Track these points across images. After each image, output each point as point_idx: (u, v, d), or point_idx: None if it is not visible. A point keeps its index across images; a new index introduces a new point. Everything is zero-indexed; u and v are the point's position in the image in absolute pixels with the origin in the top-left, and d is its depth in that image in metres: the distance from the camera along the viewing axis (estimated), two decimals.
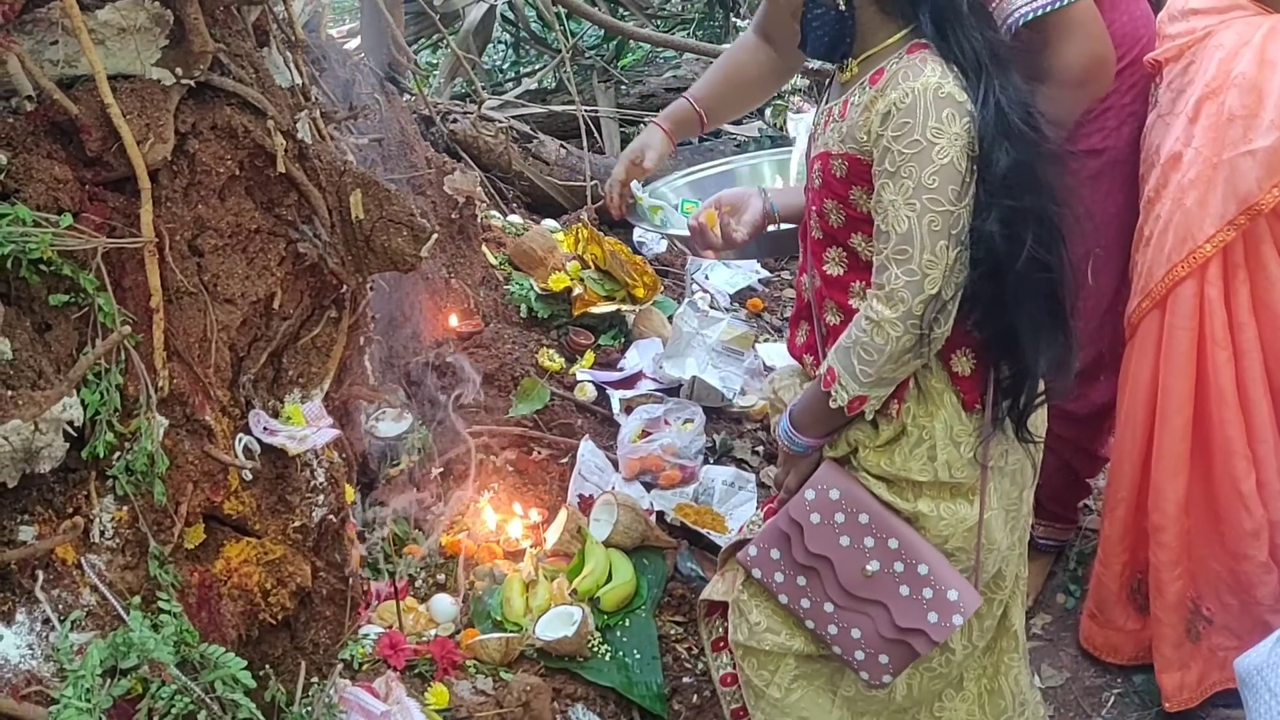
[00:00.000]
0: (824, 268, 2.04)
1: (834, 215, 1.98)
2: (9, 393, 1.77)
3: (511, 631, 2.69)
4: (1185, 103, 2.55)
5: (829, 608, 2.06)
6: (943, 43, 1.85)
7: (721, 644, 2.36)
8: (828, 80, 2.14)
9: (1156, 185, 2.61)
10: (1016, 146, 1.83)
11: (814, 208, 2.05)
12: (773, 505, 2.23)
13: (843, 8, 1.92)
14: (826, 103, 2.05)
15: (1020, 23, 2.35)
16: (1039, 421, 2.12)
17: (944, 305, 1.83)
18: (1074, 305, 1.99)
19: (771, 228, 2.33)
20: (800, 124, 4.59)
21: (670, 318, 4.00)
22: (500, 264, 4.06)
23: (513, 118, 5.32)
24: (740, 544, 2.32)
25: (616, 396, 3.58)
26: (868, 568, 2.02)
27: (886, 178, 1.82)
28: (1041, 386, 2.06)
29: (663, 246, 4.53)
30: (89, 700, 1.77)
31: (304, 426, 2.38)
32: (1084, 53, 2.39)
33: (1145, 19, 2.68)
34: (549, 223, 4.49)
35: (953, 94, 1.81)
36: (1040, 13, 2.34)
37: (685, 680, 2.73)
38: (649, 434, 3.37)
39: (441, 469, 3.18)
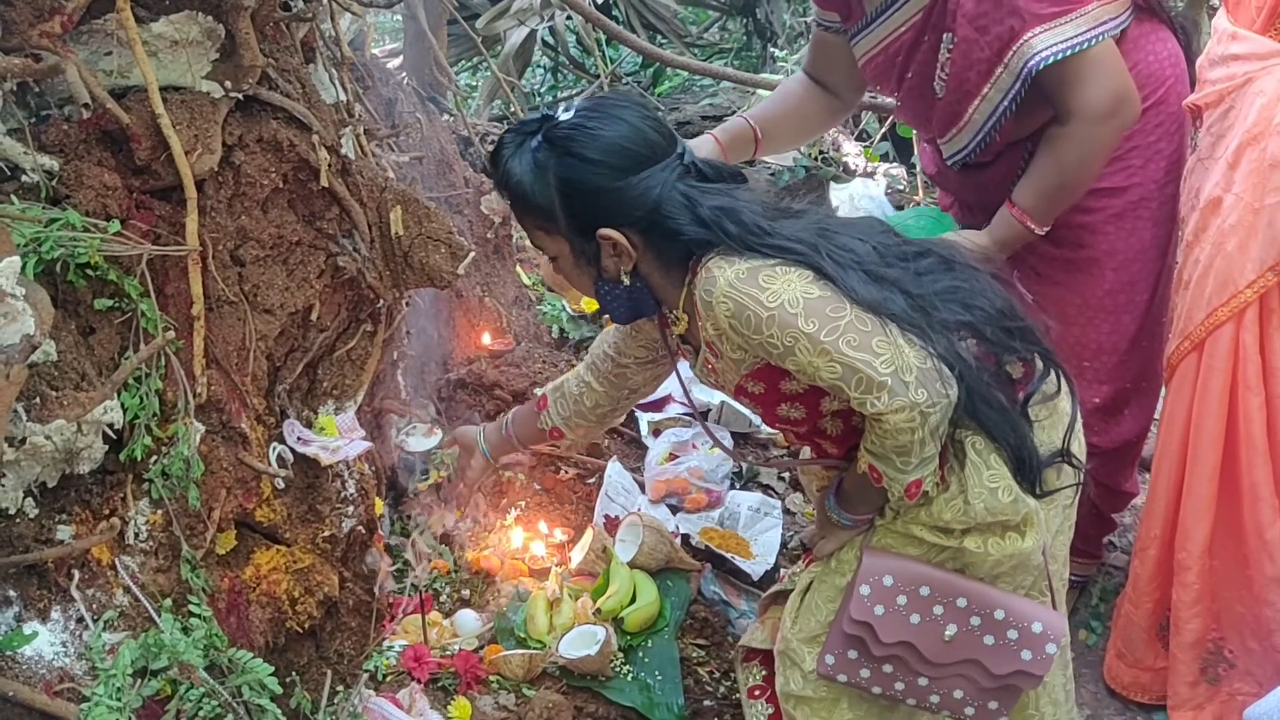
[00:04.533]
0: (827, 434, 2.08)
1: (795, 413, 2.03)
2: (53, 393, 1.81)
3: (535, 649, 2.70)
4: (1225, 148, 2.55)
5: (923, 682, 2.07)
6: (759, 255, 1.86)
7: (758, 691, 2.36)
8: (672, 347, 2.22)
9: (1196, 229, 2.61)
10: (890, 282, 1.86)
11: (776, 423, 2.10)
12: (813, 557, 2.24)
13: (626, 283, 1.98)
14: (698, 360, 2.09)
15: (1040, 67, 2.38)
16: (1077, 448, 2.12)
17: (933, 373, 1.80)
18: (1026, 333, 1.99)
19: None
20: (842, 194, 4.61)
21: None
22: (533, 284, 4.09)
23: None
24: (778, 593, 2.32)
25: (645, 419, 3.59)
26: (946, 634, 2.02)
27: (788, 356, 1.84)
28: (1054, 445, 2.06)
29: None
30: (119, 699, 1.80)
31: (337, 438, 2.41)
32: (1106, 90, 2.42)
33: (1171, 59, 2.68)
34: None
35: (750, 267, 1.84)
36: (1059, 57, 2.37)
37: (706, 703, 2.73)
38: (676, 457, 3.37)
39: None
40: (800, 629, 2.15)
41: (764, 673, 2.34)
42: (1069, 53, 2.37)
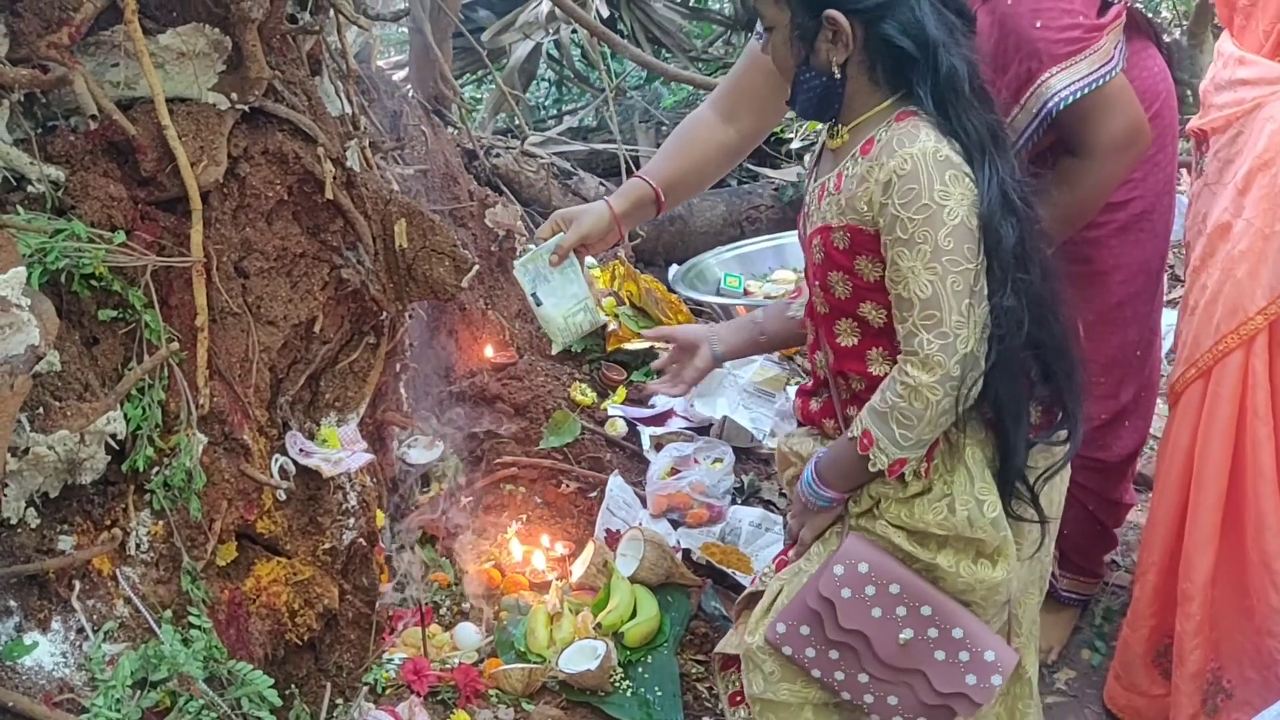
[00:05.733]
0: (836, 340, 2.04)
1: (840, 287, 1.98)
2: (57, 403, 1.81)
3: (534, 663, 2.69)
4: (1234, 173, 2.54)
5: (864, 679, 2.05)
6: (944, 120, 1.86)
7: (739, 698, 2.35)
8: (816, 152, 2.15)
9: (1203, 255, 2.60)
10: (1018, 223, 1.86)
11: (817, 283, 2.05)
12: (784, 557, 2.22)
13: (837, 75, 1.94)
14: (817, 179, 2.05)
15: (1061, 106, 2.40)
16: (1054, 495, 2.11)
17: (977, 362, 1.84)
18: (1072, 378, 2.00)
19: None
20: None
21: None
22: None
23: (554, 154, 5.38)
24: (753, 595, 2.31)
25: (647, 433, 3.58)
26: (901, 637, 2.00)
27: (901, 245, 1.83)
28: (1042, 466, 2.06)
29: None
30: (119, 710, 1.80)
31: (338, 450, 2.41)
32: (1124, 123, 2.44)
33: (1161, 74, 2.70)
34: (586, 259, 4.52)
35: (950, 157, 1.83)
36: (1080, 95, 2.39)
37: (705, 719, 2.73)
38: (678, 471, 3.37)
39: (471, 498, 3.21)
40: (763, 634, 2.14)
41: (741, 677, 2.34)
42: (1087, 90, 2.39)
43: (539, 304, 2.39)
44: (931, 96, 1.86)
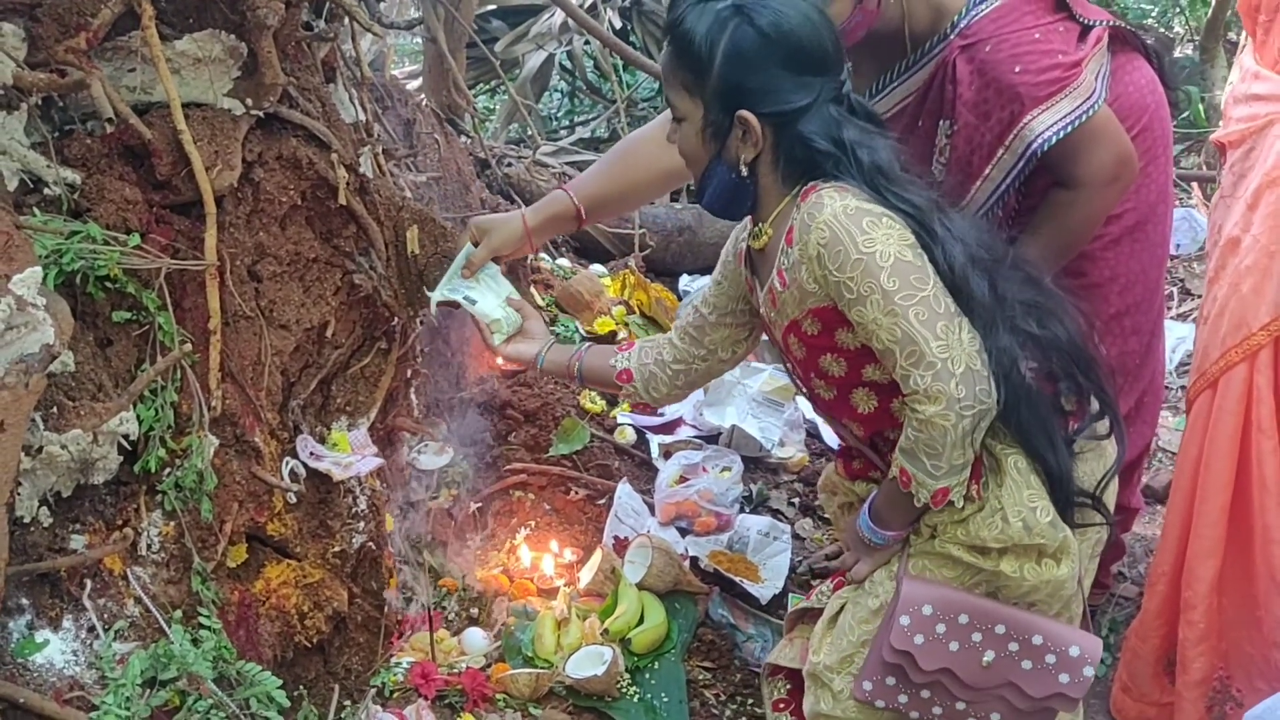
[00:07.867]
0: (857, 412, 2.08)
1: (835, 368, 2.03)
2: (70, 403, 1.82)
3: (542, 668, 2.70)
4: (1245, 188, 2.57)
5: (960, 706, 2.08)
6: (881, 201, 1.89)
7: (783, 705, 2.36)
8: (742, 260, 2.18)
9: (1216, 267, 2.63)
10: (985, 270, 1.90)
11: (812, 374, 2.08)
12: (842, 577, 2.23)
13: (744, 173, 1.98)
14: (763, 286, 2.09)
15: (1046, 147, 2.41)
16: (1109, 496, 2.12)
17: (980, 376, 1.84)
18: (1092, 373, 2.02)
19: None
20: None
21: None
22: (547, 305, 4.10)
23: (566, 164, 5.40)
24: (805, 610, 2.33)
25: (656, 441, 3.60)
26: (984, 660, 2.03)
27: (856, 305, 1.86)
28: (1097, 475, 2.07)
29: None
30: (128, 709, 1.81)
31: (349, 454, 2.42)
32: (1111, 155, 2.45)
33: (1150, 84, 2.70)
34: (597, 267, 4.54)
35: (859, 206, 1.86)
36: (1064, 133, 2.41)
37: None
38: (686, 480, 3.38)
39: (480, 504, 3.22)
40: (830, 652, 2.15)
41: (789, 686, 2.35)
42: (1071, 128, 2.41)
43: (473, 303, 2.41)
44: (866, 182, 1.89)
